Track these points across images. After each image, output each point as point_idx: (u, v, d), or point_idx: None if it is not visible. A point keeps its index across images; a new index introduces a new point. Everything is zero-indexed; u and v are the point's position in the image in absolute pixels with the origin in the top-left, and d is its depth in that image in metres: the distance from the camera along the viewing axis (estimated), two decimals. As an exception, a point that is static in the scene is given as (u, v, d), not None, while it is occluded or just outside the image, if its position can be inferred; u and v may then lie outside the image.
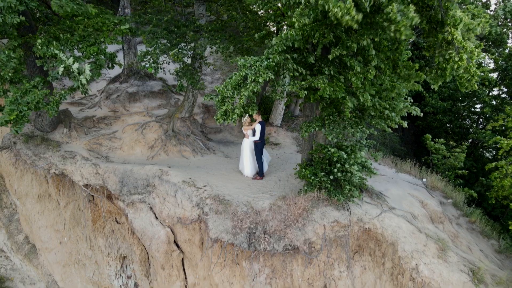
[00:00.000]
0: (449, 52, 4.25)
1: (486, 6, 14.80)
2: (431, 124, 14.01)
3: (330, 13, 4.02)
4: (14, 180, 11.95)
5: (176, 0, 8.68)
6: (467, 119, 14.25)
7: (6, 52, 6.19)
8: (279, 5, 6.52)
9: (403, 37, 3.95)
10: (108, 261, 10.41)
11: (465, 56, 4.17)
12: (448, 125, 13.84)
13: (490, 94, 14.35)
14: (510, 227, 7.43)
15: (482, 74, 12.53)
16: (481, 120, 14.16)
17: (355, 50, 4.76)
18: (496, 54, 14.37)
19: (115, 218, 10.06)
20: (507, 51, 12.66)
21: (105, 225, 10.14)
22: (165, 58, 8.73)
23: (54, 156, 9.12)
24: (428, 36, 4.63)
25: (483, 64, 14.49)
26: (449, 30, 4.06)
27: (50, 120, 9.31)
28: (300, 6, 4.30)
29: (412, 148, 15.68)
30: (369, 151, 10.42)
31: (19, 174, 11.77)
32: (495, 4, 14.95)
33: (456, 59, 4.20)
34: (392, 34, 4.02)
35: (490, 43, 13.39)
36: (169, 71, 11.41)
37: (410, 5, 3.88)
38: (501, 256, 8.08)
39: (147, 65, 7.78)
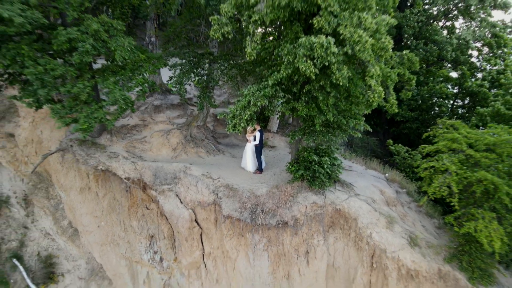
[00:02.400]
0: (368, 91, 6.93)
1: (452, 31, 17.51)
2: (402, 131, 16.76)
3: (300, 68, 6.78)
4: (61, 176, 14.67)
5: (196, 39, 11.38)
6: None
7: (83, 82, 8.94)
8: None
9: (341, 83, 6.65)
10: (140, 239, 13.11)
11: (376, 96, 6.84)
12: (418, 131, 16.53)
13: (456, 103, 17.06)
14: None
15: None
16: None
17: (319, 86, 7.50)
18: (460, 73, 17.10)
19: (146, 205, 12.75)
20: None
21: (138, 210, 12.85)
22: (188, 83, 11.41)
23: (102, 156, 11.86)
24: (362, 80, 7.33)
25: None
26: (367, 79, 6.73)
27: (98, 128, 12.05)
28: (284, 63, 7.04)
29: (390, 150, 18.36)
30: (344, 152, 13.15)
31: (64, 171, 14.48)
32: (459, 29, 17.69)
33: (372, 96, 6.88)
34: (335, 81, 6.72)
35: (448, 64, 16.09)
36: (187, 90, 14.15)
37: (345, 65, 6.58)
38: (440, 231, 10.73)
39: (177, 89, 10.51)
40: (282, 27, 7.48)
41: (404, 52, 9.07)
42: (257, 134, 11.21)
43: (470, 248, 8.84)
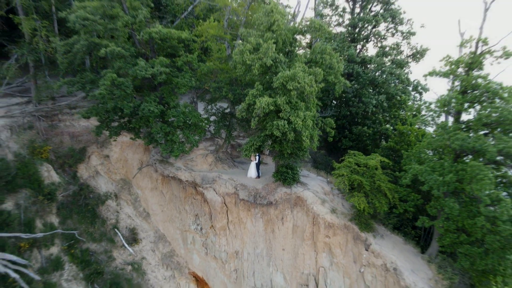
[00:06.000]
0: (303, 141, 16.66)
1: (381, 91, 27.45)
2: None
3: (274, 132, 16.65)
4: (139, 181, 24.37)
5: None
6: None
7: (176, 134, 18.79)
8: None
9: (291, 139, 16.35)
10: (189, 217, 22.69)
11: (306, 144, 16.53)
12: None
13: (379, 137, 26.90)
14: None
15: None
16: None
17: (283, 138, 17.30)
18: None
19: (193, 196, 22.39)
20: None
21: (189, 200, 22.48)
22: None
23: (172, 168, 21.62)
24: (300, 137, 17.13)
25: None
26: (302, 137, 16.44)
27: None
28: (268, 129, 16.83)
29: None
30: (304, 167, 22.91)
31: (141, 177, 24.23)
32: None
33: (304, 144, 16.56)
34: (289, 137, 16.44)
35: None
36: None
37: (292, 131, 16.31)
38: (353, 208, 20.31)
39: (216, 133, 20.40)
40: (268, 114, 17.40)
41: (328, 118, 19.02)
42: (257, 156, 21.01)
43: (359, 213, 18.46)
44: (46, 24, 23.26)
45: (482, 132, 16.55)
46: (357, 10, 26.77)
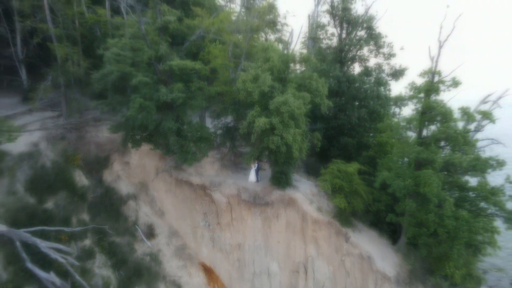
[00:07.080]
0: (293, 153, 20.53)
1: (364, 104, 31.40)
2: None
3: (269, 145, 20.61)
4: (155, 184, 28.30)
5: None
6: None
7: (191, 148, 22.79)
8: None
9: (283, 151, 20.26)
10: (198, 215, 26.60)
11: (295, 155, 20.36)
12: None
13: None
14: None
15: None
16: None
17: (278, 150, 21.21)
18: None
19: (202, 197, 26.31)
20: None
21: (198, 200, 26.39)
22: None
23: (185, 174, 25.58)
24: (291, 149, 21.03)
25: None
26: (293, 149, 20.33)
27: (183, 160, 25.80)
28: (265, 142, 20.74)
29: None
30: (296, 173, 26.86)
31: (157, 181, 28.15)
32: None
33: (294, 155, 20.40)
34: (281, 149, 20.33)
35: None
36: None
37: (284, 145, 20.19)
38: (335, 207, 24.21)
39: (222, 143, 24.31)
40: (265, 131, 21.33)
41: (316, 132, 22.98)
42: (256, 164, 24.95)
43: (340, 211, 22.35)
44: (76, 50, 27.29)
45: (442, 145, 20.52)
46: (344, 35, 30.74)
